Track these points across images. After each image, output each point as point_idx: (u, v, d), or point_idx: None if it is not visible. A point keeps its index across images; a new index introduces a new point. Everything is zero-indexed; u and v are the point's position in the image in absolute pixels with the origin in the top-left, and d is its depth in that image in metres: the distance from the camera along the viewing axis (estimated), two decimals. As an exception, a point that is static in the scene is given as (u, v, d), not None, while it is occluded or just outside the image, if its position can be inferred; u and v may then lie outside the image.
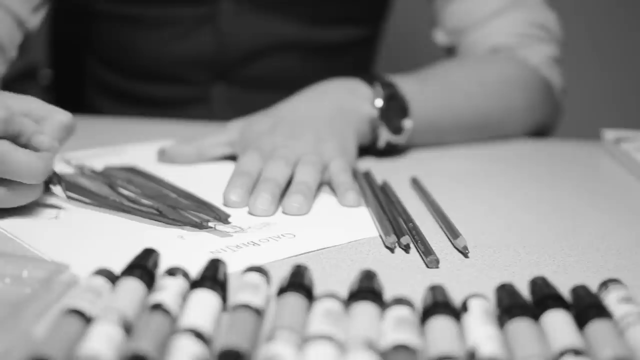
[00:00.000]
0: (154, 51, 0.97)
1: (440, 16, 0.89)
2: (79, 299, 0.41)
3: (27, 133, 0.54)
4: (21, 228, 0.54)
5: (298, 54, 0.96)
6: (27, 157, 0.53)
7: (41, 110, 0.56)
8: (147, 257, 0.46)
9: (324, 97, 0.72)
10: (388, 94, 0.73)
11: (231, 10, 0.93)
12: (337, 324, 0.40)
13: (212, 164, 0.71)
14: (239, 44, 0.95)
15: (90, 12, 0.99)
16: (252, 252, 0.52)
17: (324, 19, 0.95)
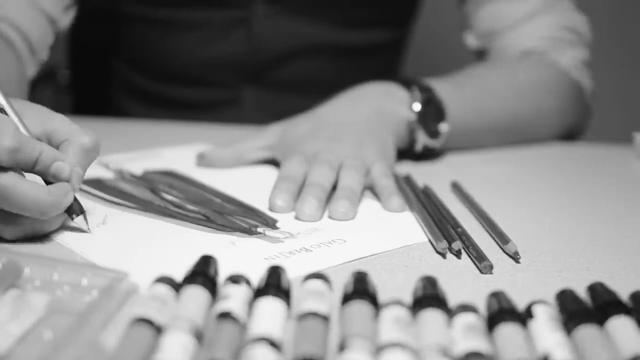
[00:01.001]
0: (185, 54, 0.97)
1: (471, 20, 0.89)
2: (147, 308, 0.40)
3: (46, 161, 0.50)
4: (70, 235, 0.53)
5: (329, 56, 0.96)
6: (34, 191, 0.49)
7: (64, 131, 0.53)
8: (208, 264, 0.45)
9: (362, 100, 0.71)
10: (425, 97, 0.73)
11: (264, 13, 0.93)
12: (407, 331, 0.40)
13: (250, 167, 0.71)
14: (270, 47, 0.95)
15: (120, 15, 0.98)
16: (305, 258, 0.51)
17: (355, 22, 0.95)
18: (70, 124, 0.54)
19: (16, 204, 0.49)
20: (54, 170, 0.51)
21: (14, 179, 0.49)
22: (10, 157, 0.48)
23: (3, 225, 0.51)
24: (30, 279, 0.45)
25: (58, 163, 0.51)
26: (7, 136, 0.48)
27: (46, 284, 0.45)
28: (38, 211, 0.50)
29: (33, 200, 0.49)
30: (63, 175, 0.51)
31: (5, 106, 0.52)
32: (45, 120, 0.53)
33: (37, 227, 0.52)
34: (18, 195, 0.49)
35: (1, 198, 0.49)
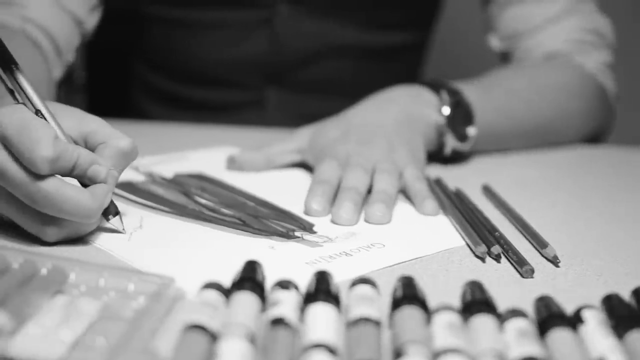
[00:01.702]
0: (207, 55, 0.96)
1: (495, 22, 0.89)
2: (199, 314, 0.40)
3: (83, 165, 0.51)
4: (109, 239, 0.53)
5: (351, 58, 0.96)
6: (78, 195, 0.50)
7: (101, 134, 0.53)
8: (255, 270, 0.45)
9: (391, 103, 0.71)
10: (454, 101, 0.72)
11: (287, 14, 0.93)
12: (461, 336, 0.40)
13: (279, 171, 0.71)
14: (293, 48, 0.95)
15: (141, 16, 0.98)
16: (347, 263, 0.51)
17: (377, 23, 0.95)
18: (107, 126, 0.54)
19: (61, 208, 0.49)
20: (91, 173, 0.51)
21: (56, 183, 0.49)
22: (49, 166, 0.48)
23: (43, 227, 0.51)
24: (76, 285, 0.45)
25: (95, 166, 0.51)
26: (47, 146, 0.48)
27: (92, 290, 0.44)
28: (82, 214, 0.50)
29: (77, 204, 0.49)
30: (100, 178, 0.51)
31: (43, 109, 0.52)
32: (80, 122, 0.54)
33: (77, 228, 0.52)
34: (62, 199, 0.49)
35: (46, 203, 0.49)
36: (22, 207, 0.50)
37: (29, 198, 0.49)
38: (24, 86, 0.52)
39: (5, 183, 0.49)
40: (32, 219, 0.51)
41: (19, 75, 0.52)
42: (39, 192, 0.49)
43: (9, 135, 0.49)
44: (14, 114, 0.50)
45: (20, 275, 0.44)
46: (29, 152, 0.48)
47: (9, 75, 0.51)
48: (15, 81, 0.51)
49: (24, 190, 0.49)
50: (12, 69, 0.51)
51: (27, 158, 0.48)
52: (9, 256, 0.46)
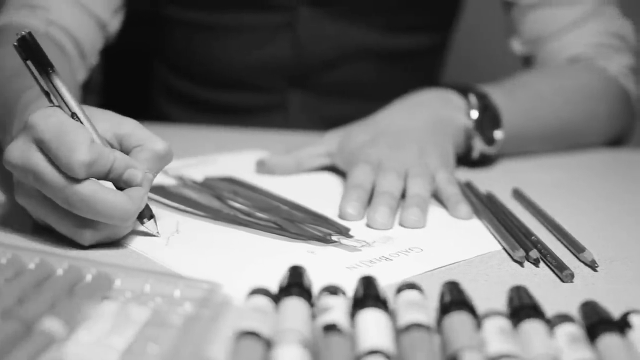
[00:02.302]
0: (229, 58, 0.96)
1: (518, 26, 0.89)
2: (251, 320, 0.40)
3: (119, 168, 0.50)
4: (147, 245, 0.53)
5: (373, 61, 0.96)
6: (115, 198, 0.49)
7: (136, 136, 0.53)
8: (301, 275, 0.45)
9: (420, 107, 0.71)
10: (482, 104, 0.72)
11: (309, 17, 0.93)
12: (513, 342, 0.40)
13: (308, 174, 0.71)
14: (316, 51, 0.95)
15: (163, 19, 0.98)
16: (387, 268, 0.51)
17: (399, 26, 0.95)
18: (142, 128, 0.54)
19: (98, 211, 0.49)
20: (126, 176, 0.51)
21: (94, 187, 0.49)
22: (86, 170, 0.48)
23: (80, 230, 0.51)
24: (121, 291, 0.45)
25: (131, 170, 0.51)
26: (84, 150, 0.48)
27: (137, 296, 0.44)
28: (119, 217, 0.50)
29: (115, 207, 0.49)
30: (135, 181, 0.51)
31: (79, 112, 0.52)
32: (115, 124, 0.53)
33: (113, 232, 0.52)
34: (100, 203, 0.49)
35: (83, 206, 0.49)
36: (58, 210, 0.50)
37: (66, 201, 0.49)
38: (60, 89, 0.51)
39: (42, 186, 0.49)
40: (69, 222, 0.51)
41: (55, 78, 0.51)
42: (75, 196, 0.49)
43: (46, 139, 0.49)
44: (50, 117, 0.50)
45: (65, 281, 0.44)
46: (65, 156, 0.48)
47: (45, 78, 0.51)
48: (51, 84, 0.51)
49: (61, 193, 0.49)
50: (48, 72, 0.51)
51: (64, 162, 0.48)
52: (53, 262, 0.46)
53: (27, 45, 0.51)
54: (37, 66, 0.51)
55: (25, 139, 0.50)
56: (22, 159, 0.49)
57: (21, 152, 0.50)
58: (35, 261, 0.46)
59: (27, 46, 0.51)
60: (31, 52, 0.51)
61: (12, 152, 0.50)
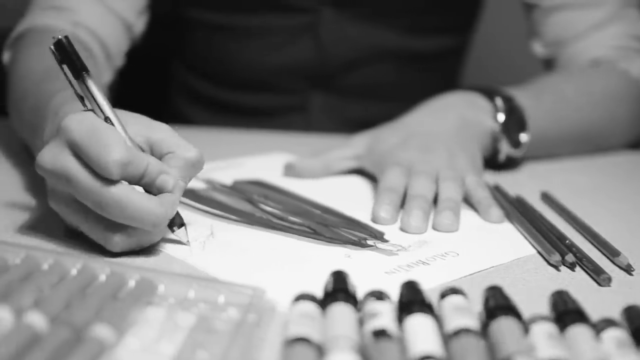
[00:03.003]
0: (251, 60, 0.96)
1: (539, 28, 0.89)
2: (301, 326, 0.40)
3: (152, 173, 0.50)
4: (183, 249, 0.53)
5: (394, 62, 0.96)
6: (147, 202, 0.49)
7: (169, 143, 0.53)
8: (345, 280, 0.45)
9: (447, 110, 0.71)
10: (508, 107, 0.73)
11: (332, 19, 0.93)
12: (562, 347, 0.40)
13: (336, 177, 0.71)
14: (338, 53, 0.94)
15: (184, 20, 0.98)
16: (425, 272, 0.51)
17: (420, 28, 0.95)
18: (174, 135, 0.53)
19: (130, 215, 0.49)
20: (159, 182, 0.50)
21: (126, 190, 0.49)
22: (121, 170, 0.48)
23: (110, 235, 0.50)
24: (165, 297, 0.44)
25: (164, 176, 0.50)
26: (118, 150, 0.48)
27: (181, 301, 0.44)
28: (151, 222, 0.49)
29: (147, 211, 0.49)
30: (168, 188, 0.51)
31: (112, 116, 0.51)
32: (148, 129, 0.53)
33: (143, 238, 0.51)
34: (132, 206, 0.48)
35: (115, 210, 0.48)
36: (90, 215, 0.50)
37: (98, 204, 0.49)
38: (94, 93, 0.51)
39: (73, 189, 0.49)
40: (99, 227, 0.50)
41: (90, 82, 0.51)
42: (108, 198, 0.48)
43: (79, 140, 0.48)
44: (83, 121, 0.49)
45: (109, 287, 0.44)
46: (100, 155, 0.47)
47: (80, 81, 0.51)
48: (85, 88, 0.51)
49: (93, 196, 0.48)
50: (83, 76, 0.51)
51: (98, 162, 0.48)
52: (96, 268, 0.46)
53: (62, 49, 0.51)
54: (72, 70, 0.51)
55: (58, 143, 0.50)
56: (54, 163, 0.49)
57: (54, 156, 0.49)
58: (77, 267, 0.46)
59: (63, 49, 0.51)
60: (67, 56, 0.51)
61: (44, 157, 0.50)
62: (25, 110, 0.68)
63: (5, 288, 0.42)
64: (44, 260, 0.46)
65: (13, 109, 0.74)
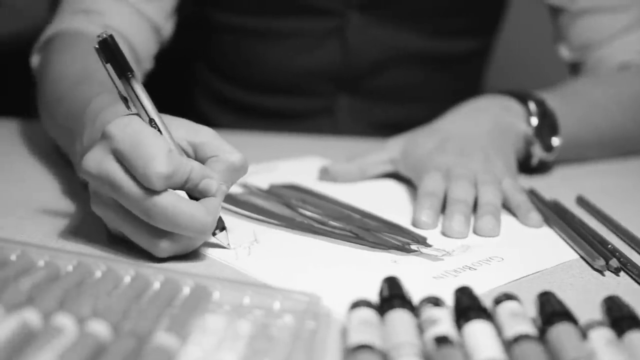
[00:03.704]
0: (278, 63, 0.96)
1: (566, 32, 0.89)
2: (364, 334, 0.40)
3: (195, 179, 0.50)
4: (229, 255, 0.53)
5: (420, 65, 0.96)
6: (192, 210, 0.49)
7: (212, 146, 0.53)
8: (400, 286, 0.45)
9: (482, 114, 0.71)
10: (541, 111, 0.73)
11: (359, 22, 0.93)
12: (621, 353, 0.40)
13: (371, 181, 0.71)
14: (365, 56, 0.94)
15: (210, 23, 0.97)
16: (473, 277, 0.51)
17: (446, 30, 0.95)
18: (217, 137, 0.53)
19: (177, 223, 0.49)
20: (202, 187, 0.50)
21: (172, 198, 0.48)
22: (165, 182, 0.48)
23: (157, 242, 0.50)
24: (220, 303, 0.44)
25: (207, 180, 0.50)
26: (162, 162, 0.48)
27: (237, 308, 0.44)
28: (198, 230, 0.49)
29: (194, 219, 0.49)
30: (211, 192, 0.51)
31: (157, 119, 0.51)
32: (191, 132, 0.53)
33: (188, 244, 0.51)
34: (178, 214, 0.48)
35: (162, 218, 0.48)
36: (135, 221, 0.50)
37: (145, 213, 0.49)
38: (139, 95, 0.51)
39: (119, 197, 0.49)
40: (145, 234, 0.50)
41: (135, 84, 0.51)
42: (155, 207, 0.48)
43: (123, 150, 0.48)
44: (127, 127, 0.49)
45: (164, 295, 0.44)
46: (143, 168, 0.47)
47: (125, 82, 0.51)
48: (130, 88, 0.51)
49: (140, 205, 0.48)
50: (128, 77, 0.51)
51: (142, 174, 0.47)
52: (149, 275, 0.46)
53: (107, 48, 0.50)
54: (117, 70, 0.51)
55: (102, 149, 0.49)
56: (99, 169, 0.49)
57: (98, 163, 0.49)
58: (130, 274, 0.46)
59: (108, 49, 0.50)
60: (112, 55, 0.50)
61: (89, 162, 0.50)
62: (60, 115, 0.68)
63: (62, 295, 0.42)
64: (96, 267, 0.46)
65: (46, 112, 0.74)
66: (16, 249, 0.47)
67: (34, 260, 0.47)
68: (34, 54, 0.84)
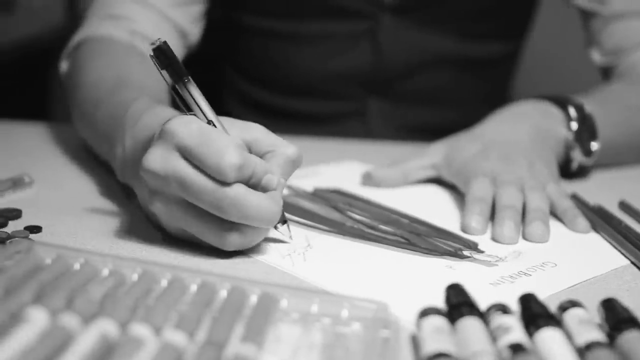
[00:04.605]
0: (308, 67, 0.96)
1: (598, 37, 0.89)
2: (438, 342, 0.40)
3: (259, 173, 0.51)
4: (284, 261, 0.53)
5: (451, 69, 0.96)
6: (261, 200, 0.50)
7: (266, 142, 0.53)
8: (466, 293, 0.45)
9: (522, 119, 0.71)
10: (581, 116, 0.73)
11: (391, 25, 0.93)
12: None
13: (411, 186, 0.72)
14: (396, 59, 0.94)
15: (240, 26, 0.97)
16: (529, 283, 0.51)
17: (477, 34, 0.96)
18: (269, 133, 0.54)
19: (247, 213, 0.50)
20: (265, 182, 0.51)
21: (242, 189, 0.49)
22: (236, 173, 0.49)
23: (225, 235, 0.51)
24: (288, 312, 0.45)
25: (269, 175, 0.51)
26: (234, 153, 0.49)
27: (305, 316, 0.44)
28: (268, 220, 0.51)
29: (264, 210, 0.50)
30: (272, 186, 0.51)
31: (215, 121, 0.52)
32: (244, 130, 0.54)
33: (255, 237, 0.52)
34: (250, 206, 0.49)
35: (233, 210, 0.49)
36: (202, 216, 0.51)
37: (216, 206, 0.49)
38: (196, 97, 0.52)
39: (188, 193, 0.49)
40: (213, 228, 0.51)
41: (192, 88, 0.52)
42: (226, 199, 0.49)
43: (190, 145, 0.49)
44: (190, 124, 0.50)
45: (234, 303, 0.44)
46: (215, 160, 0.48)
47: (181, 86, 0.52)
48: (187, 92, 0.52)
49: (211, 198, 0.49)
50: (184, 81, 0.52)
51: (214, 166, 0.48)
52: (215, 283, 0.46)
53: (163, 54, 0.51)
54: (174, 76, 0.52)
55: (165, 147, 0.50)
56: (165, 167, 0.50)
57: (163, 160, 0.50)
58: (196, 282, 0.46)
59: (163, 55, 0.51)
60: (168, 61, 0.51)
61: (152, 161, 0.50)
62: (97, 120, 0.68)
63: (134, 305, 0.42)
64: (161, 275, 0.46)
65: (82, 118, 0.74)
66: (79, 257, 0.48)
67: (99, 268, 0.47)
68: (63, 59, 0.84)
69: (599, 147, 0.74)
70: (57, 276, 0.45)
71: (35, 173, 0.69)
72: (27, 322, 0.39)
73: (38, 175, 0.69)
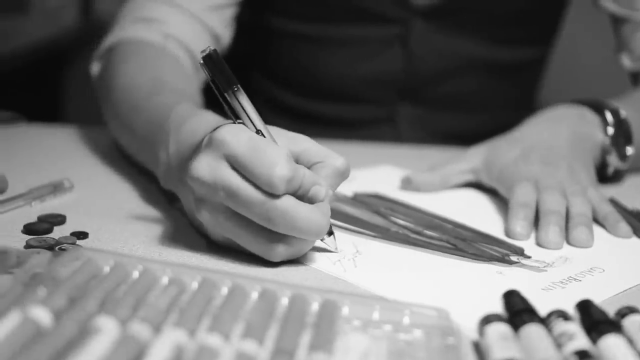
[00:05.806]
0: (338, 71, 0.96)
1: (629, 42, 0.89)
2: (506, 350, 0.41)
3: (307, 184, 0.51)
4: (336, 268, 0.53)
5: (481, 74, 0.97)
6: (310, 213, 0.50)
7: (315, 152, 0.53)
8: (525, 300, 0.46)
9: (561, 123, 0.72)
10: (617, 120, 0.73)
11: (422, 30, 0.93)
12: None
13: (450, 191, 0.72)
14: (427, 64, 0.95)
15: (269, 30, 0.98)
16: (580, 289, 0.51)
17: (507, 39, 0.96)
18: (316, 144, 0.54)
19: (295, 225, 0.50)
20: (312, 193, 0.51)
21: (292, 201, 0.50)
22: (286, 186, 0.49)
23: (272, 246, 0.51)
24: (349, 319, 0.45)
25: (317, 187, 0.51)
26: (284, 166, 0.49)
27: (367, 324, 0.44)
28: (316, 232, 0.51)
29: (313, 222, 0.50)
30: (320, 198, 0.51)
31: (264, 131, 0.52)
32: (291, 141, 0.54)
33: (302, 247, 0.52)
34: (299, 217, 0.49)
35: (281, 221, 0.49)
36: (249, 226, 0.51)
37: (264, 217, 0.49)
38: (245, 106, 0.52)
39: (237, 203, 0.50)
40: (260, 239, 0.51)
41: (241, 96, 0.52)
42: (275, 211, 0.49)
43: (240, 155, 0.49)
44: (239, 134, 0.50)
45: (296, 311, 0.44)
46: (265, 171, 0.48)
47: (230, 94, 0.52)
48: (237, 101, 0.52)
49: (260, 209, 0.49)
50: (234, 90, 0.52)
51: (264, 178, 0.48)
52: (276, 291, 0.46)
53: (212, 62, 0.51)
54: (223, 84, 0.52)
55: (213, 155, 0.50)
56: (213, 176, 0.50)
57: (211, 169, 0.50)
58: (257, 289, 0.46)
59: (213, 63, 0.51)
60: (216, 69, 0.51)
61: (200, 169, 0.50)
62: (137, 125, 0.68)
63: (200, 313, 0.43)
64: (222, 283, 0.47)
65: (118, 122, 0.74)
66: (137, 264, 0.48)
67: (157, 276, 0.47)
68: (94, 61, 0.84)
69: (634, 152, 0.75)
70: (118, 284, 0.46)
71: (73, 177, 0.69)
72: (98, 332, 0.39)
73: (76, 179, 0.69)
